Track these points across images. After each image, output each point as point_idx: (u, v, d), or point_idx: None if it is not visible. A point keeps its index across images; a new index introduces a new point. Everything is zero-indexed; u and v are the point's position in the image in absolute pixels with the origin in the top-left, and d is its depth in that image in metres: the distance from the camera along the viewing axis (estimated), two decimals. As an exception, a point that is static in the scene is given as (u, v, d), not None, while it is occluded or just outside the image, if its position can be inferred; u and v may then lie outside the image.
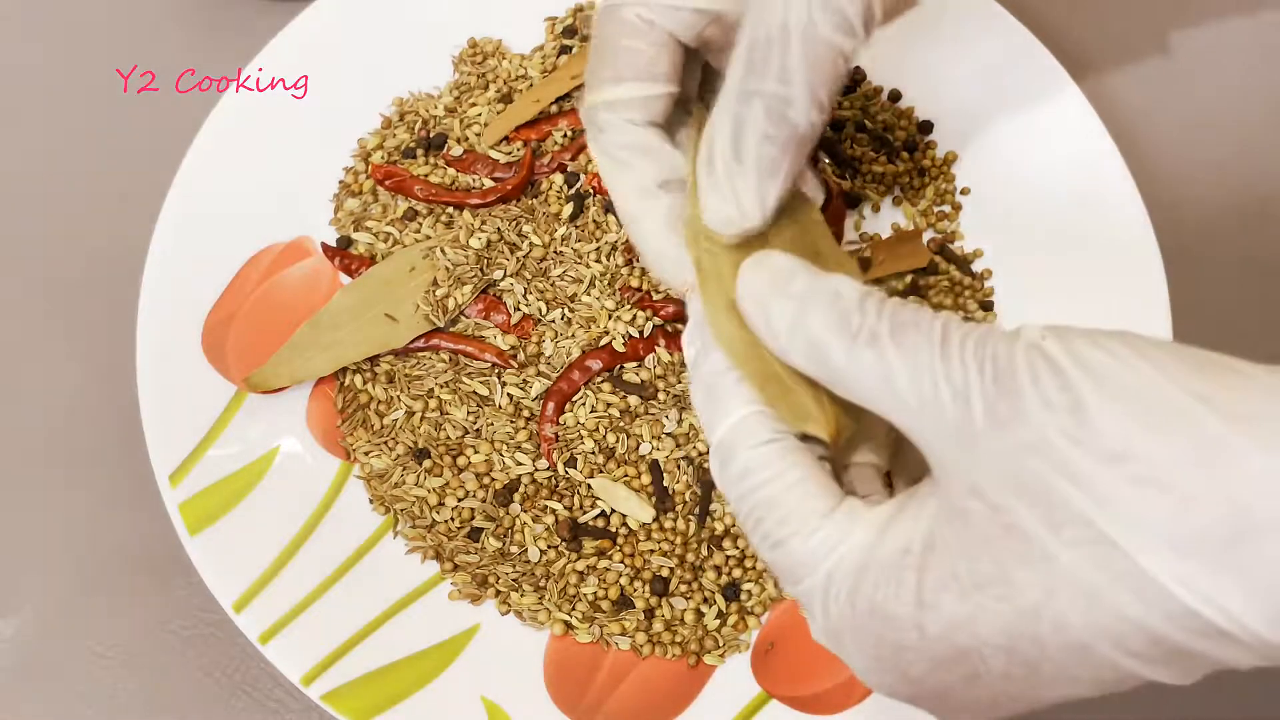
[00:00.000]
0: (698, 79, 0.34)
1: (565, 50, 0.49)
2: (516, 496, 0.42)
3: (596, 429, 0.42)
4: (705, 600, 0.41)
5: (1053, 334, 0.23)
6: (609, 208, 0.45)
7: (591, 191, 0.46)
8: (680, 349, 0.43)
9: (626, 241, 0.44)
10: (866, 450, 0.30)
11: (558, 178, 0.46)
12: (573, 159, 0.47)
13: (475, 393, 0.43)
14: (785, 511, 0.26)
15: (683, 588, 0.41)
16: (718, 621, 0.41)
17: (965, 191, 0.47)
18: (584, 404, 0.42)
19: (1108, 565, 0.21)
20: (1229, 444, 0.21)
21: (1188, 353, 0.23)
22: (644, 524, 0.41)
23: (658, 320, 0.43)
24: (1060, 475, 0.22)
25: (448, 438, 0.43)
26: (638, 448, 0.42)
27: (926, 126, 0.48)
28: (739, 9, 0.30)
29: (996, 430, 0.23)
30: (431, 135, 0.48)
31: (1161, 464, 0.21)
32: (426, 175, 0.47)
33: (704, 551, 0.41)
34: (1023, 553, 0.22)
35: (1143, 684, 0.24)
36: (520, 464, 0.42)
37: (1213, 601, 0.21)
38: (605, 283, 0.44)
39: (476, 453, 0.42)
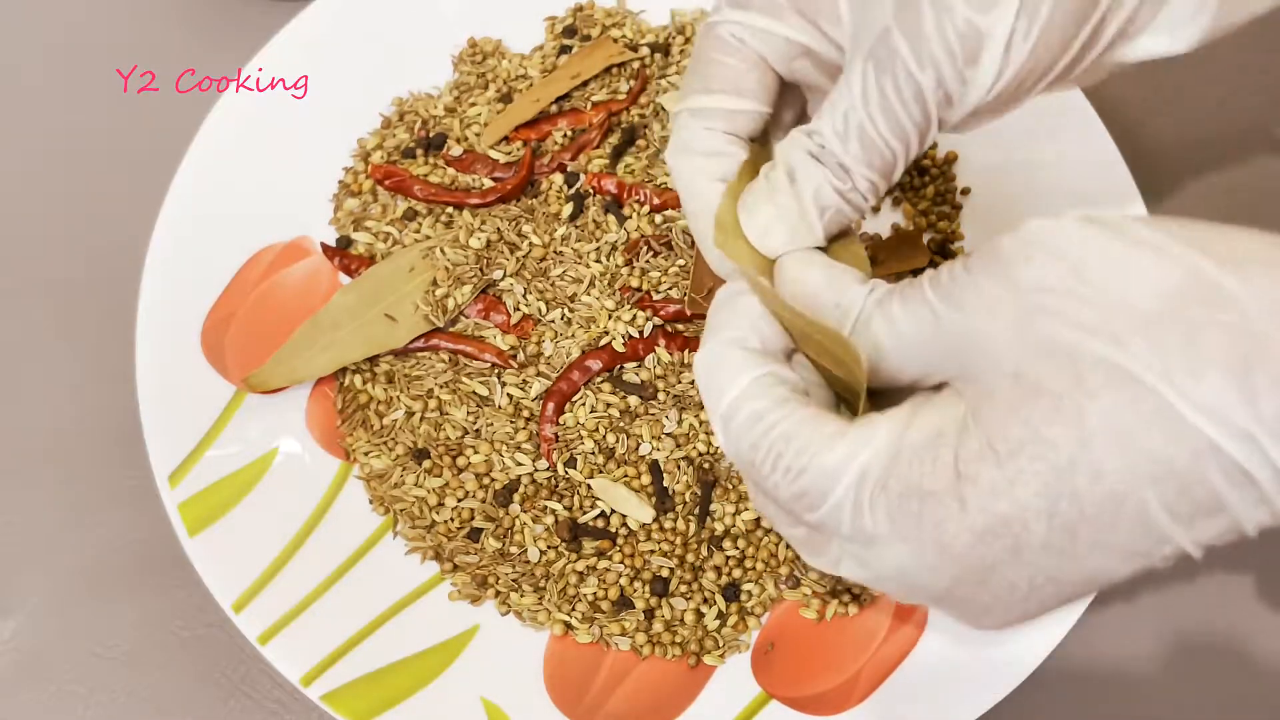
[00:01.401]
0: (795, 113, 0.34)
1: (565, 50, 0.49)
2: (516, 497, 0.42)
3: (596, 429, 0.42)
4: (705, 601, 0.41)
5: (1039, 218, 0.25)
6: (609, 208, 0.45)
7: (591, 191, 0.46)
8: (680, 349, 0.43)
9: (626, 241, 0.44)
10: None
11: (557, 178, 0.46)
12: (573, 159, 0.47)
13: (475, 393, 0.43)
14: (803, 440, 0.27)
15: (683, 588, 0.41)
16: (718, 622, 0.41)
17: (965, 191, 0.47)
18: (584, 404, 0.42)
19: (1136, 407, 0.22)
20: (1225, 279, 0.22)
21: (1172, 219, 0.24)
22: (644, 524, 0.41)
23: (658, 320, 0.43)
24: (1074, 329, 0.23)
25: (447, 438, 0.43)
26: (638, 448, 0.42)
27: (927, 126, 0.48)
28: (831, 52, 0.31)
29: (1003, 310, 0.24)
30: (431, 135, 0.48)
31: (1167, 305, 0.22)
32: (426, 175, 0.47)
33: (704, 552, 0.41)
34: (1053, 410, 0.23)
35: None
36: (520, 464, 0.42)
37: (1233, 429, 0.22)
38: (605, 283, 0.44)
39: (476, 453, 0.42)
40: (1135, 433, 0.22)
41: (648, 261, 0.44)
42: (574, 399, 0.43)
